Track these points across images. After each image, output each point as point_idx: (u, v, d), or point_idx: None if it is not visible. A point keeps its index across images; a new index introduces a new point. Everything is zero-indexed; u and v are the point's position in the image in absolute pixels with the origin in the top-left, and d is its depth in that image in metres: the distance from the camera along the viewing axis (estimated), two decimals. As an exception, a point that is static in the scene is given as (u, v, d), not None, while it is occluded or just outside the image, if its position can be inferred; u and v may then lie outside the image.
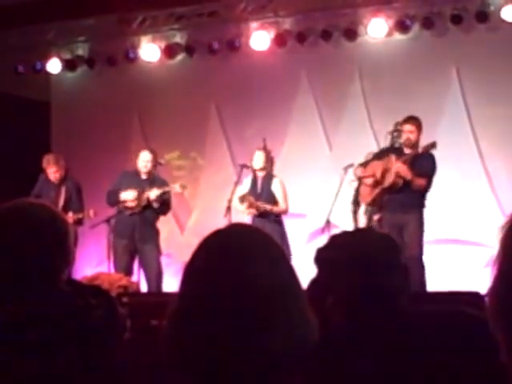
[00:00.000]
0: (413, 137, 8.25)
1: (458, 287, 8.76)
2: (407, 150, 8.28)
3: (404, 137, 8.31)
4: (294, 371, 1.78)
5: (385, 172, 8.13)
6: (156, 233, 9.53)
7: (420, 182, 8.06)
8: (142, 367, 4.53)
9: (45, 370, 2.50)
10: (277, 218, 9.35)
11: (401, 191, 8.12)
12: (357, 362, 2.33)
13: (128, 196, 9.31)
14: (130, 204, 9.32)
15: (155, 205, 9.33)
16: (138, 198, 9.28)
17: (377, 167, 8.25)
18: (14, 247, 2.60)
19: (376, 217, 8.40)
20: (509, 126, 9.85)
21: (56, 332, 2.52)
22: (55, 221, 2.65)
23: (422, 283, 7.95)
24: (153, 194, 9.26)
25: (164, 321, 1.84)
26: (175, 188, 9.48)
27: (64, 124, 12.01)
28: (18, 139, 11.01)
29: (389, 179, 8.10)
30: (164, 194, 9.34)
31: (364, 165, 8.43)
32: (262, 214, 9.30)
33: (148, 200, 9.27)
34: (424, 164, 8.12)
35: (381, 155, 8.37)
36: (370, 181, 8.29)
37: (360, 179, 9.32)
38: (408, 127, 8.27)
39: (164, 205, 9.46)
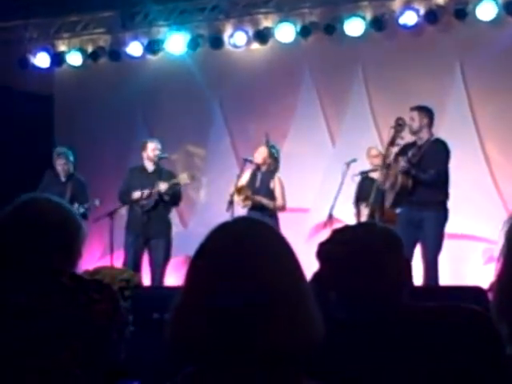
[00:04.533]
0: (413, 124, 8.17)
1: (460, 282, 8.76)
2: (419, 141, 8.17)
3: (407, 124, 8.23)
4: (298, 366, 1.78)
5: (396, 175, 8.06)
6: (167, 226, 9.54)
7: (427, 176, 7.96)
8: (145, 360, 4.54)
9: (48, 364, 2.50)
10: (272, 213, 9.33)
11: (417, 188, 8.02)
12: (360, 357, 2.33)
13: (142, 196, 9.31)
14: (145, 202, 9.33)
15: (166, 197, 9.34)
16: (150, 194, 9.29)
17: (393, 170, 8.16)
18: (21, 241, 2.60)
19: (397, 210, 8.36)
20: (512, 121, 9.84)
21: (59, 326, 2.52)
22: (66, 221, 2.66)
23: (435, 283, 7.89)
24: (163, 186, 9.26)
25: (168, 314, 1.84)
26: (184, 178, 9.47)
27: (67, 118, 12.00)
28: (21, 133, 11.01)
29: (398, 181, 8.03)
30: (174, 185, 9.35)
31: (386, 167, 8.30)
32: (257, 208, 9.29)
33: (159, 194, 9.29)
34: (432, 156, 8.02)
35: (397, 156, 8.23)
36: (388, 184, 8.21)
37: (363, 174, 9.32)
38: (409, 115, 8.21)
39: (174, 196, 9.48)
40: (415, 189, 7.99)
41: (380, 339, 2.34)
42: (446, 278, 8.30)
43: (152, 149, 9.52)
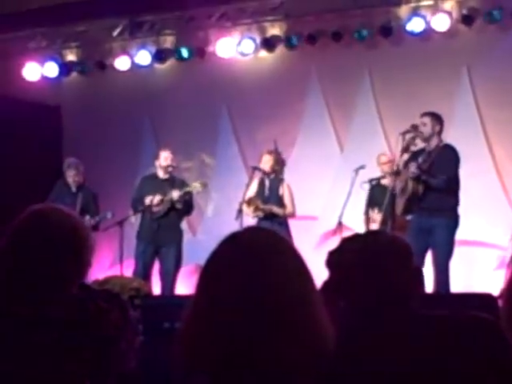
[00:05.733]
0: (425, 129, 8.15)
1: (470, 288, 8.73)
2: (428, 147, 8.16)
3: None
4: (308, 376, 1.78)
5: (407, 181, 8.04)
6: (179, 235, 9.56)
7: (437, 182, 7.93)
8: (155, 370, 4.53)
9: (57, 374, 2.50)
10: (282, 221, 9.34)
11: (427, 195, 7.99)
12: (369, 366, 2.32)
13: (153, 201, 9.36)
14: (156, 209, 9.37)
15: (178, 205, 9.37)
16: (162, 201, 9.33)
17: (403, 176, 8.15)
18: (31, 252, 2.61)
19: (408, 217, 8.35)
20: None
21: (68, 336, 2.52)
22: (76, 232, 2.66)
23: (447, 289, 7.86)
24: (175, 194, 9.29)
25: (178, 323, 1.83)
26: (196, 187, 9.52)
27: (75, 128, 12.01)
28: (29, 143, 11.02)
29: (409, 187, 8.00)
30: (186, 194, 9.38)
31: (396, 174, 8.29)
32: (268, 217, 9.31)
33: (171, 202, 9.32)
34: (442, 162, 8.00)
35: (407, 162, 8.21)
36: (398, 191, 8.20)
37: (372, 181, 9.29)
38: (421, 120, 8.18)
39: (187, 205, 9.49)
40: (426, 195, 7.97)
41: (390, 347, 2.34)
42: (456, 285, 8.27)
43: (164, 158, 9.57)
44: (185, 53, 11.28)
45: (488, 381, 2.22)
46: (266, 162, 9.51)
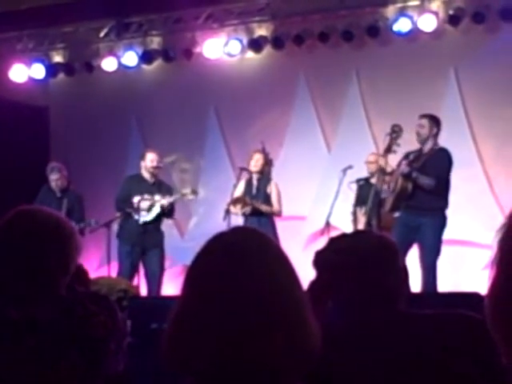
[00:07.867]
0: (422, 131, 8.14)
1: (457, 288, 8.76)
2: (423, 149, 8.18)
3: (416, 131, 8.20)
4: (294, 374, 1.78)
5: (397, 178, 8.06)
6: (161, 237, 9.53)
7: (427, 181, 7.95)
8: (143, 371, 4.53)
9: (46, 376, 2.50)
10: (269, 220, 9.36)
11: (416, 193, 8.01)
12: (356, 364, 2.33)
13: (141, 205, 9.30)
14: (144, 213, 9.31)
15: (168, 212, 9.35)
16: (151, 207, 9.28)
17: (395, 175, 8.16)
18: (15, 253, 2.60)
19: (396, 214, 8.36)
20: (508, 127, 9.83)
21: (55, 338, 2.52)
22: (59, 230, 2.66)
23: (434, 289, 7.88)
24: (165, 202, 9.25)
25: (166, 324, 1.84)
26: (187, 194, 9.48)
27: (62, 129, 12.00)
28: (16, 144, 10.99)
29: (398, 184, 8.02)
30: (177, 200, 9.37)
31: (390, 173, 8.31)
32: (254, 214, 9.30)
33: (162, 208, 9.28)
34: (434, 163, 8.02)
35: (400, 161, 8.23)
36: (387, 189, 8.20)
37: (359, 181, 9.32)
38: (419, 122, 8.18)
39: (171, 210, 9.47)
40: (415, 194, 7.98)
41: (376, 347, 2.34)
42: (444, 284, 8.30)
43: (151, 160, 9.50)
44: (171, 54, 11.28)
45: (474, 379, 2.23)
46: (257, 161, 9.50)
